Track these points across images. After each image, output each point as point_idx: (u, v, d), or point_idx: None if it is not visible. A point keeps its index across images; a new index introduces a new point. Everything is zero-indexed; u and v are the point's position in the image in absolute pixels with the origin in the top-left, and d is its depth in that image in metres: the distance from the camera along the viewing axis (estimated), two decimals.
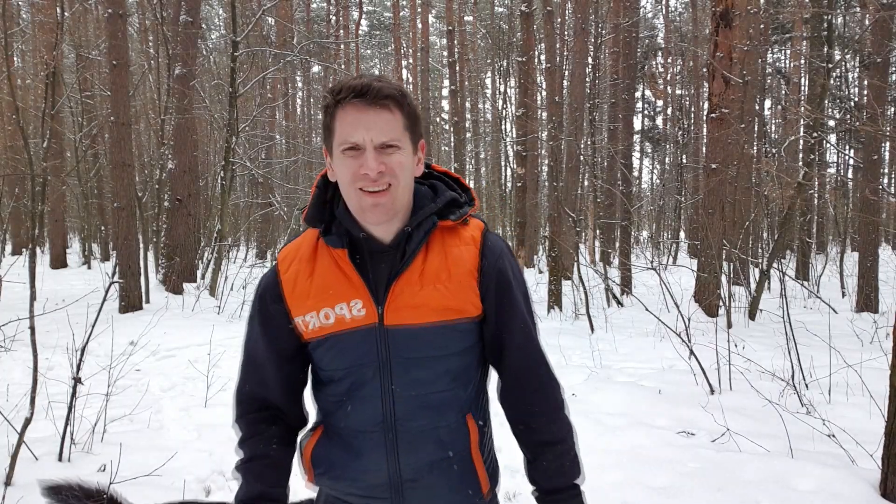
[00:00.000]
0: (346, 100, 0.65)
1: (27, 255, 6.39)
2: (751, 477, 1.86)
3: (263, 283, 0.74)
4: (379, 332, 0.69)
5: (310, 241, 0.73)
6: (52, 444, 2.01)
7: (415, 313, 0.68)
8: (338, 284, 0.70)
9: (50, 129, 4.47)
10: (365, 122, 0.65)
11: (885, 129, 4.86)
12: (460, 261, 0.70)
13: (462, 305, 0.69)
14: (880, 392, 2.16)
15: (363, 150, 0.65)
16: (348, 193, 0.67)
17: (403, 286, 0.69)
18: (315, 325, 0.70)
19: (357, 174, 0.66)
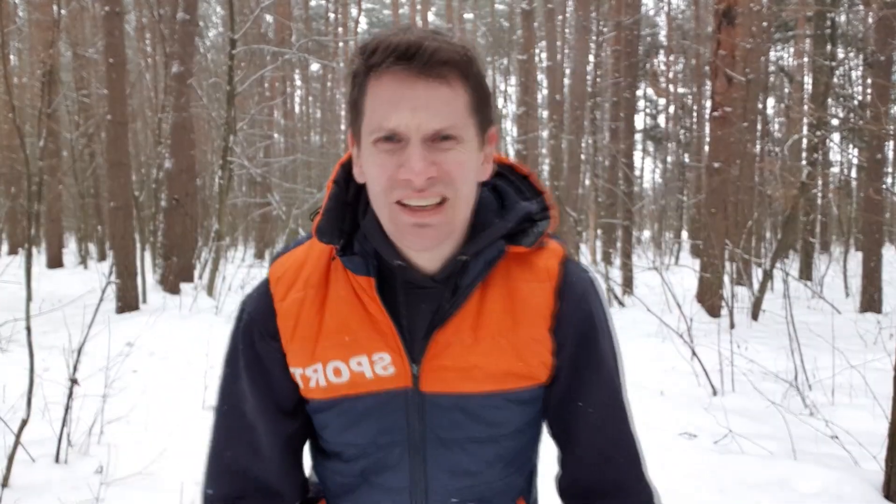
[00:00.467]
0: (383, 65, 0.43)
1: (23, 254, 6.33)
2: (753, 479, 1.84)
3: (250, 311, 0.52)
4: (412, 399, 0.49)
5: (318, 259, 0.51)
6: (48, 445, 1.99)
7: (464, 378, 0.49)
8: (358, 328, 0.49)
9: (46, 128, 4.44)
10: (410, 101, 0.43)
11: (888, 128, 4.84)
12: (530, 304, 0.49)
13: (530, 368, 0.50)
14: (884, 393, 2.14)
15: (405, 142, 0.44)
16: (381, 205, 0.46)
17: (450, 338, 0.48)
18: (320, 382, 0.50)
19: (395, 179, 0.44)
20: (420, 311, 0.49)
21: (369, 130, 0.45)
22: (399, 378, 0.49)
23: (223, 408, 0.54)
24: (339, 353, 0.49)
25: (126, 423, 2.32)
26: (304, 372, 0.50)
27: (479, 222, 0.50)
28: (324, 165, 13.33)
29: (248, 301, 0.54)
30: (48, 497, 1.70)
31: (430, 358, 0.49)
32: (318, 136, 15.81)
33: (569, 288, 0.51)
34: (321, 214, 0.50)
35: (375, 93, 0.44)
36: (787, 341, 2.99)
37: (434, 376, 0.49)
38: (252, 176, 8.25)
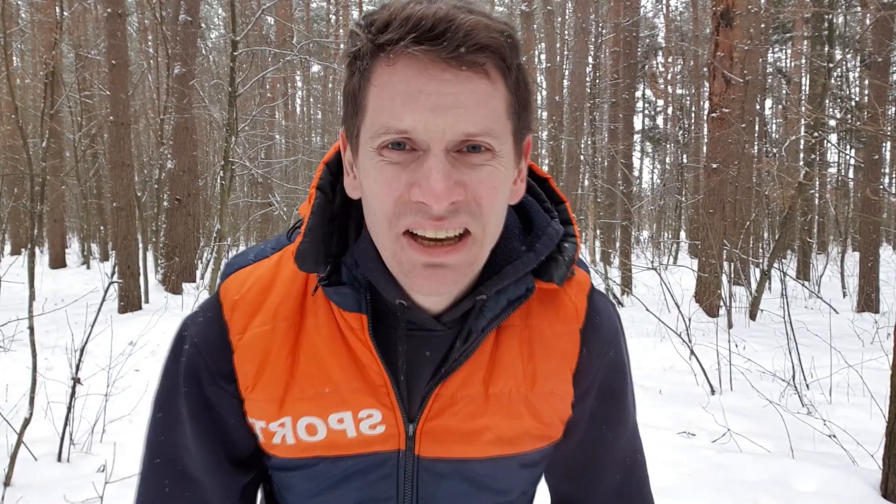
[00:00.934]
0: (398, 46, 0.31)
1: (26, 254, 6.40)
2: (751, 477, 1.85)
3: (197, 342, 0.40)
4: (404, 464, 0.40)
5: (291, 282, 0.40)
6: (51, 444, 2.00)
7: (469, 441, 0.40)
8: (342, 377, 0.39)
9: (49, 129, 4.46)
10: (434, 96, 0.32)
11: (885, 128, 4.85)
12: (554, 352, 0.40)
13: (546, 427, 0.41)
14: (881, 392, 2.16)
15: (422, 152, 0.33)
16: (382, 234, 0.35)
17: (457, 392, 0.39)
18: (287, 439, 0.39)
19: (404, 201, 0.33)
20: (422, 358, 0.39)
21: (372, 132, 0.33)
22: (389, 439, 0.39)
23: (154, 461, 0.41)
24: (315, 408, 0.38)
25: (128, 423, 2.34)
26: (268, 427, 0.39)
27: (501, 250, 0.38)
28: None
29: (191, 327, 0.41)
30: (50, 496, 1.71)
31: (430, 416, 0.39)
32: (319, 137, 15.84)
33: (596, 330, 0.42)
34: (303, 234, 0.37)
35: (384, 83, 0.32)
36: (785, 341, 3.00)
37: (433, 438, 0.40)
38: (253, 176, 8.27)
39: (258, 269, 0.41)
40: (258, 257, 0.42)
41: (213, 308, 0.41)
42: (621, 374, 0.44)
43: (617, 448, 0.45)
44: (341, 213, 0.40)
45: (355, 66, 0.35)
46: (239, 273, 0.41)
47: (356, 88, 0.35)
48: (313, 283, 0.40)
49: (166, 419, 0.42)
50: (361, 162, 0.36)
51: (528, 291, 0.39)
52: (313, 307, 0.40)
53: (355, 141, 0.36)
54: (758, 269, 5.47)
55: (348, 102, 0.36)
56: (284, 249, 0.41)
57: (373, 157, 0.34)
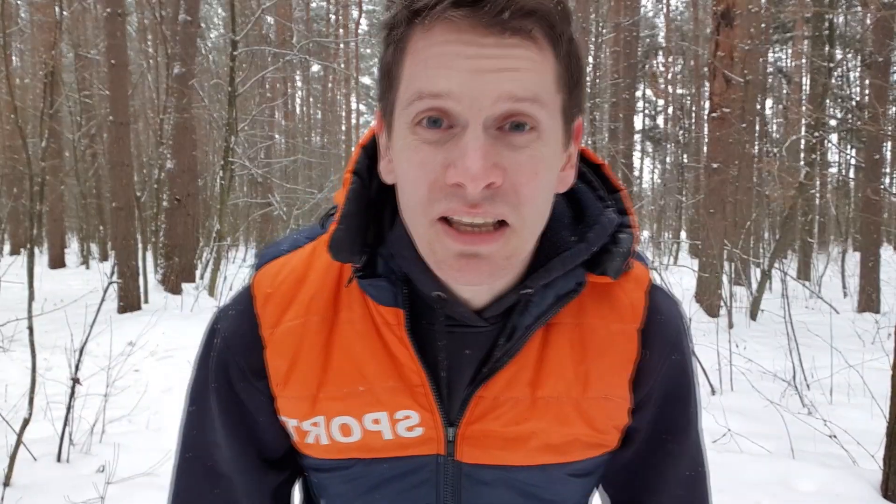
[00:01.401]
0: (435, 10, 0.29)
1: (25, 254, 6.36)
2: (752, 478, 1.85)
3: (226, 337, 0.39)
4: (444, 470, 0.38)
5: (325, 274, 0.38)
6: (50, 444, 2.00)
7: (514, 447, 0.37)
8: (377, 375, 0.37)
9: (48, 129, 4.46)
10: (472, 60, 0.29)
11: (886, 128, 4.86)
12: (610, 353, 0.38)
13: (600, 435, 0.38)
14: (882, 393, 2.15)
15: (459, 127, 0.30)
16: (417, 221, 0.33)
17: (501, 394, 0.37)
18: (321, 439, 0.38)
19: (440, 185, 0.31)
20: (462, 357, 0.36)
21: (405, 101, 0.30)
22: (428, 443, 0.37)
23: (186, 455, 0.40)
24: (349, 407, 0.37)
25: (128, 423, 2.34)
26: (301, 425, 0.38)
27: (548, 240, 0.35)
28: (324, 166, 13.32)
29: (222, 320, 0.39)
30: (50, 496, 1.70)
31: (472, 420, 0.37)
32: (319, 136, 15.83)
33: (658, 330, 0.38)
34: (338, 220, 0.35)
35: (419, 50, 0.30)
36: (786, 341, 3.00)
37: (476, 443, 0.37)
38: (253, 176, 8.26)
39: (292, 260, 0.39)
40: (292, 247, 0.40)
41: (244, 300, 0.39)
42: (686, 380, 0.40)
43: (679, 460, 0.41)
44: (377, 201, 0.37)
45: (390, 38, 0.32)
46: (272, 264, 0.39)
47: (391, 61, 0.32)
48: (348, 276, 0.37)
49: (198, 413, 0.41)
50: (395, 142, 0.33)
51: (579, 286, 0.36)
52: (347, 300, 0.37)
53: (390, 118, 0.33)
54: (758, 269, 5.47)
55: (383, 77, 0.33)
56: (319, 239, 0.39)
57: (406, 136, 0.31)
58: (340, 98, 17.27)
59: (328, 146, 14.46)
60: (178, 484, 0.41)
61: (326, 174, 12.40)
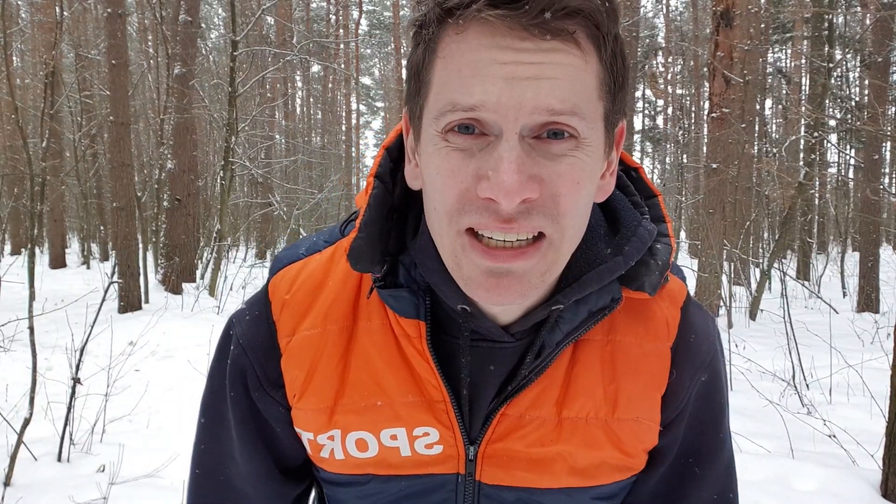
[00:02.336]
0: (470, 10, 0.27)
1: (26, 254, 6.42)
2: (751, 477, 1.85)
3: (244, 343, 0.37)
4: (463, 490, 0.36)
5: (344, 282, 0.36)
6: (51, 444, 2.00)
7: (538, 469, 0.36)
8: (396, 389, 0.35)
9: (49, 129, 4.46)
10: (509, 67, 0.27)
11: (885, 128, 4.86)
12: (642, 372, 0.36)
13: (629, 459, 0.37)
14: (881, 392, 2.16)
15: (493, 137, 0.28)
16: (442, 231, 0.31)
17: (526, 413, 0.35)
18: (336, 454, 0.37)
19: (469, 196, 0.29)
20: (486, 373, 0.35)
21: (436, 111, 0.29)
22: (447, 461, 0.36)
23: (197, 471, 0.39)
24: (365, 422, 0.35)
25: (128, 422, 2.34)
26: (316, 439, 0.36)
27: (582, 253, 0.33)
28: (324, 166, 13.33)
29: (238, 325, 0.37)
30: (50, 496, 1.71)
31: (494, 438, 0.35)
32: (319, 136, 15.84)
33: (689, 350, 0.36)
34: (358, 228, 0.33)
35: (452, 53, 0.28)
36: (785, 341, 3.00)
37: (498, 463, 0.35)
38: (253, 176, 8.27)
39: (309, 265, 0.37)
40: (310, 251, 0.38)
41: (260, 306, 0.37)
42: (717, 403, 0.38)
43: (706, 486, 0.38)
44: (401, 206, 0.35)
45: (420, 37, 0.30)
46: (289, 268, 0.37)
47: (420, 62, 0.30)
48: (368, 283, 0.36)
49: (211, 425, 0.39)
50: (423, 147, 0.31)
51: (614, 302, 0.34)
52: (366, 310, 0.36)
53: (418, 123, 0.31)
54: (758, 269, 5.47)
55: (411, 78, 0.31)
56: (338, 244, 0.37)
57: (436, 142, 0.29)
58: (340, 98, 17.27)
59: (328, 146, 14.47)
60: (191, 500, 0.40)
61: (326, 174, 12.41)
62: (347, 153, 16.52)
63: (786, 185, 5.32)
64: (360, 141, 20.41)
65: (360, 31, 16.62)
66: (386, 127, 21.61)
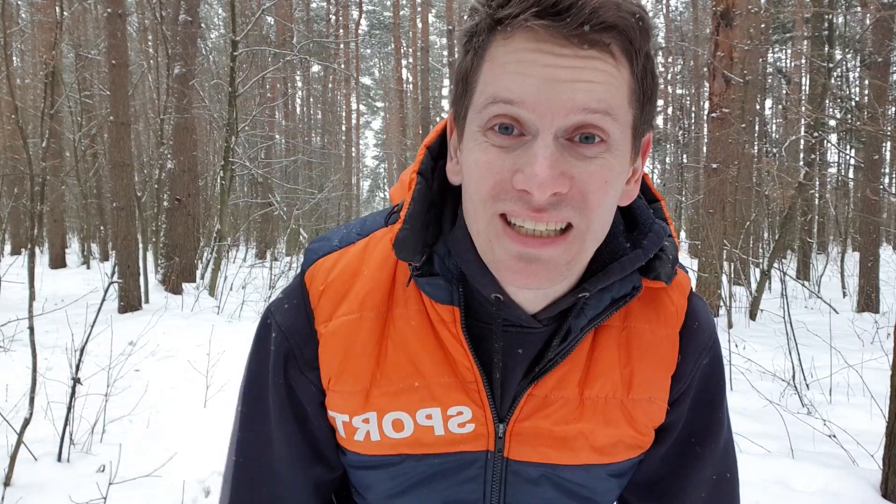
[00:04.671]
0: (518, 19, 0.30)
1: (26, 254, 6.42)
2: (751, 477, 1.85)
3: (284, 329, 0.39)
4: (492, 466, 0.38)
5: (380, 270, 0.38)
6: (51, 444, 2.00)
7: (561, 445, 0.38)
8: (432, 371, 0.37)
9: (49, 129, 4.46)
10: (549, 69, 0.30)
11: (885, 128, 4.85)
12: (655, 356, 0.39)
13: (641, 437, 0.40)
14: (881, 392, 2.16)
15: (529, 136, 0.31)
16: (478, 217, 0.33)
17: (552, 393, 0.38)
18: (371, 436, 0.38)
19: (504, 186, 0.31)
20: (515, 356, 0.37)
21: (479, 105, 0.31)
22: (478, 439, 0.38)
23: (238, 459, 0.40)
24: (403, 403, 0.37)
25: (128, 423, 2.34)
26: (351, 421, 0.38)
27: (606, 246, 0.36)
28: (324, 166, 13.33)
29: (278, 312, 0.39)
30: (50, 496, 1.71)
31: (522, 417, 0.38)
32: (319, 136, 15.84)
33: (694, 335, 0.40)
34: (403, 220, 0.36)
35: (498, 55, 0.30)
36: (785, 341, 3.00)
37: (524, 440, 0.38)
38: (253, 176, 8.27)
39: (345, 256, 0.39)
40: (343, 242, 0.40)
41: (298, 295, 0.39)
42: (717, 385, 0.41)
43: (705, 464, 0.42)
44: (438, 201, 0.38)
45: (470, 45, 0.33)
46: (325, 259, 0.40)
47: (469, 67, 0.33)
48: (402, 272, 0.38)
49: (251, 413, 0.40)
50: (465, 144, 0.34)
51: (635, 290, 0.37)
52: (403, 297, 0.38)
53: (462, 122, 0.34)
54: (758, 269, 5.47)
55: (459, 82, 0.34)
56: (371, 235, 0.40)
57: (477, 138, 0.32)
58: (340, 98, 17.28)
59: (328, 146, 14.48)
60: (233, 487, 0.41)
61: (326, 174, 12.41)
62: (347, 153, 16.53)
63: (786, 185, 5.32)
64: (360, 141, 20.41)
65: (360, 31, 16.62)
66: (386, 127, 21.58)
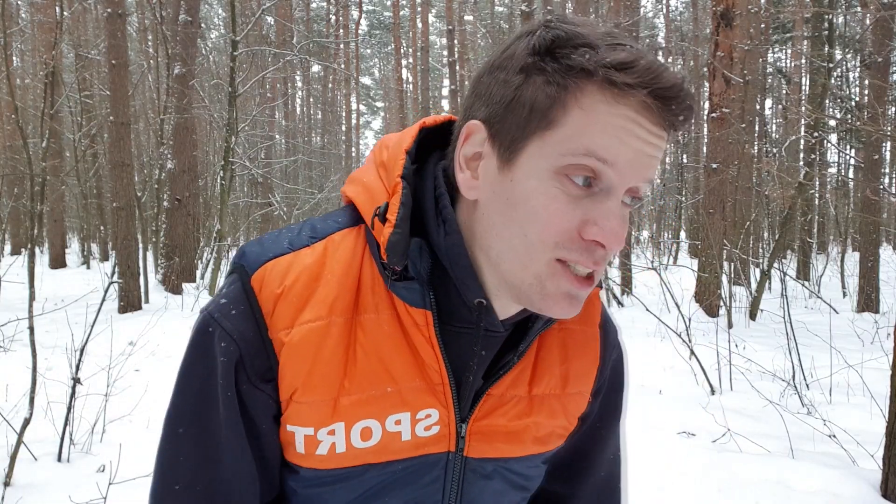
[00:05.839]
0: (631, 91, 0.32)
1: (26, 254, 6.44)
2: (751, 477, 1.86)
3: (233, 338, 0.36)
4: (453, 466, 0.39)
5: (345, 275, 0.37)
6: (51, 444, 2.00)
7: (513, 440, 0.40)
8: (404, 375, 0.37)
9: (49, 129, 4.46)
10: (644, 145, 0.33)
11: (885, 128, 4.85)
12: (584, 352, 0.43)
13: (570, 427, 0.43)
14: (881, 392, 2.16)
15: (606, 192, 0.33)
16: (528, 251, 0.34)
17: (506, 392, 0.40)
18: (337, 447, 0.37)
19: (572, 236, 0.33)
20: (479, 358, 0.38)
21: (563, 150, 0.32)
22: (441, 440, 0.38)
23: (175, 487, 0.37)
24: (374, 409, 0.36)
25: (128, 423, 2.34)
26: (316, 434, 0.36)
27: None
28: (324, 166, 13.33)
29: (224, 319, 0.36)
30: (50, 496, 1.71)
31: (481, 416, 0.39)
32: (319, 136, 15.85)
33: (609, 332, 0.45)
34: (395, 224, 0.35)
35: (599, 111, 0.32)
36: (785, 341, 3.00)
37: (482, 438, 0.39)
38: (253, 176, 8.27)
39: (301, 259, 0.37)
40: (295, 245, 0.38)
41: (244, 300, 0.36)
42: (622, 374, 0.47)
43: (608, 445, 0.47)
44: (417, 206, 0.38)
45: (555, 77, 0.33)
46: (276, 262, 0.37)
47: (547, 101, 0.33)
48: (368, 277, 0.37)
49: (193, 433, 0.37)
50: (521, 176, 0.34)
51: None
52: (372, 302, 0.37)
53: (514, 146, 0.34)
54: (758, 269, 5.47)
55: (523, 107, 0.33)
56: (328, 238, 0.38)
57: (546, 181, 0.33)
58: (340, 98, 17.28)
59: (328, 146, 14.48)
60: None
61: (326, 174, 12.41)
62: (347, 153, 16.53)
63: (786, 185, 5.32)
64: (360, 141, 20.39)
65: (360, 31, 16.62)
66: (386, 127, 21.57)
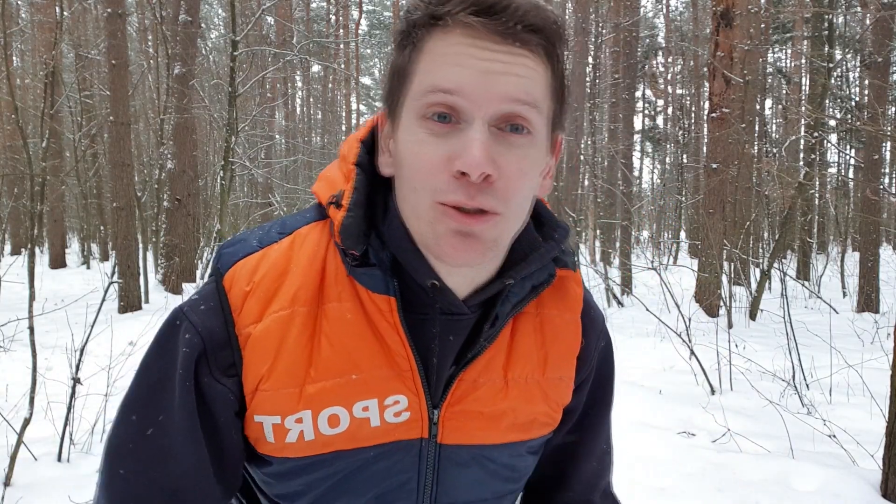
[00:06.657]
0: (457, 16, 0.32)
1: (26, 254, 6.46)
2: (751, 477, 1.86)
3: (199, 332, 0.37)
4: (427, 453, 0.39)
5: (308, 267, 0.38)
6: (51, 444, 2.00)
7: (489, 426, 0.40)
8: (369, 363, 0.37)
9: (49, 129, 4.46)
10: (484, 62, 0.32)
11: (885, 128, 4.86)
12: (564, 339, 0.42)
13: (553, 414, 0.43)
14: (881, 392, 2.16)
15: (464, 123, 0.33)
16: (416, 203, 0.35)
17: (479, 377, 0.39)
18: (305, 435, 0.37)
19: (442, 171, 0.33)
20: (447, 343, 0.38)
21: (417, 95, 0.33)
22: (413, 426, 0.38)
23: (119, 472, 0.36)
24: (340, 397, 0.36)
25: None
26: (283, 422, 0.36)
27: (523, 239, 0.39)
28: (324, 167, 13.28)
29: (192, 313, 0.37)
30: (50, 496, 1.71)
31: (454, 401, 0.38)
32: (319, 136, 15.85)
33: (594, 321, 0.44)
34: (347, 208, 0.36)
35: (436, 48, 0.33)
36: (785, 341, 3.00)
37: (456, 424, 0.39)
38: (253, 176, 8.26)
39: (269, 255, 0.38)
40: (263, 243, 0.39)
41: (215, 298, 0.37)
42: (611, 365, 0.47)
43: (599, 436, 0.47)
44: (370, 193, 0.38)
45: (407, 40, 0.35)
46: (246, 261, 0.38)
47: (405, 61, 0.35)
48: (332, 267, 0.38)
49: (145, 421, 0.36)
50: (401, 135, 0.35)
51: (550, 277, 0.41)
52: (335, 291, 0.37)
53: (396, 114, 0.36)
54: (758, 269, 5.47)
55: (394, 76, 0.36)
56: (296, 233, 0.39)
57: (413, 129, 0.34)
58: (340, 98, 17.29)
59: (328, 146, 14.49)
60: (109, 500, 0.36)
61: None
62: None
63: (786, 185, 5.32)
64: None
65: (360, 31, 16.63)
66: None
